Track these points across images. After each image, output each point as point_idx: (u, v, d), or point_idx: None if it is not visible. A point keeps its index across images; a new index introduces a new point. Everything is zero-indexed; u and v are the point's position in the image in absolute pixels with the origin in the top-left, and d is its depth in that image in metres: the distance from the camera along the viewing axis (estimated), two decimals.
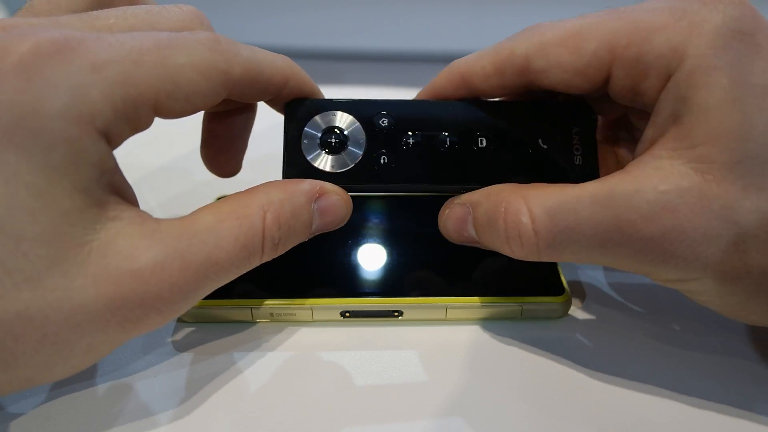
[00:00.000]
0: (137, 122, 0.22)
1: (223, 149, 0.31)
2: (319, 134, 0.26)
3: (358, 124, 0.26)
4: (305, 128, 0.26)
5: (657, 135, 0.23)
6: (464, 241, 0.26)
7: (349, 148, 0.26)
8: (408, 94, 0.28)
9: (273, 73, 0.26)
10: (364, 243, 0.31)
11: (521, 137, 0.26)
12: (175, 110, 0.23)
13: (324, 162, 0.25)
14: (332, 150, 0.25)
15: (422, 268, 0.29)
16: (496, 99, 0.27)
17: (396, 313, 0.28)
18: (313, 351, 0.26)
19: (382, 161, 0.25)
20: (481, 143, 0.26)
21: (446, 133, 0.26)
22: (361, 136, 0.26)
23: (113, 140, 0.21)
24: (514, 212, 0.23)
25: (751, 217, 0.21)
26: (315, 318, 0.28)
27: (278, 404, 0.24)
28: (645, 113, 0.24)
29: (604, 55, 0.23)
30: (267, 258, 0.23)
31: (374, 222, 0.32)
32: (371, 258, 0.30)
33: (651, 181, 0.21)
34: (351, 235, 0.31)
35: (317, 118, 0.26)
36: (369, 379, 0.25)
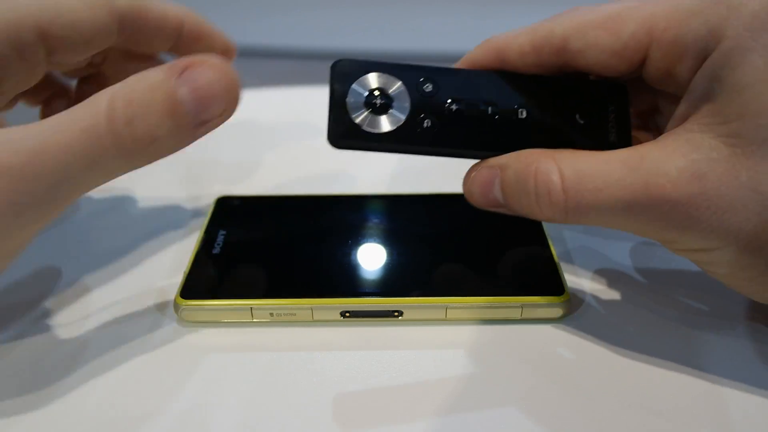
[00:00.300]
0: (21, 49, 0.23)
1: None
2: (365, 94, 0.26)
3: (403, 87, 0.26)
4: (351, 87, 0.26)
5: (689, 112, 0.23)
6: (489, 203, 0.26)
7: (393, 110, 0.26)
8: None
9: (164, 12, 0.27)
10: (363, 243, 0.31)
11: (560, 111, 0.27)
12: (64, 41, 0.24)
13: (368, 122, 0.26)
14: (377, 110, 0.26)
15: (422, 268, 0.29)
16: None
17: (396, 313, 0.27)
18: (313, 351, 0.26)
19: (425, 125, 0.26)
20: (521, 114, 0.27)
21: (488, 103, 0.27)
22: (406, 99, 0.26)
23: None
24: (544, 171, 0.24)
25: None
26: (315, 318, 0.28)
27: (278, 405, 0.24)
28: (675, 99, 0.25)
29: (642, 37, 0.24)
30: (129, 141, 0.22)
31: (374, 222, 0.32)
32: (371, 258, 0.30)
33: (681, 150, 0.22)
34: (351, 234, 0.31)
35: (363, 78, 0.26)
36: (369, 379, 0.25)
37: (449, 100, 0.27)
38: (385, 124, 0.26)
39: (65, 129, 0.21)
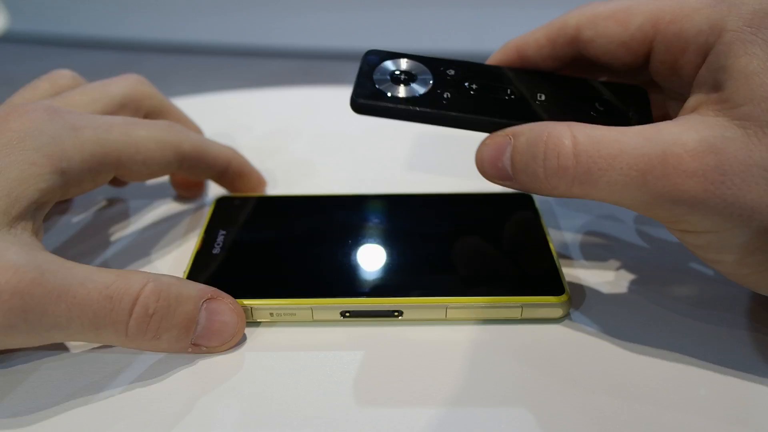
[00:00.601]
0: (98, 174, 0.28)
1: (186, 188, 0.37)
2: (392, 70, 0.28)
3: (427, 71, 0.28)
4: (380, 65, 0.28)
5: (699, 102, 0.24)
6: (496, 173, 0.26)
7: (416, 84, 0.27)
8: None
9: (217, 154, 0.33)
10: (363, 243, 0.31)
11: (579, 99, 0.28)
12: (134, 171, 0.29)
13: (391, 90, 0.27)
14: (400, 83, 0.27)
15: (422, 268, 0.29)
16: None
17: (396, 313, 0.27)
18: (313, 351, 0.26)
19: (445, 95, 0.27)
20: (540, 97, 0.28)
21: (509, 87, 0.28)
22: (429, 78, 0.28)
23: (70, 182, 0.27)
24: (556, 135, 0.24)
25: None
26: (315, 318, 0.28)
27: (277, 404, 0.24)
28: (681, 97, 0.26)
29: (648, 30, 0.26)
30: (135, 331, 0.24)
31: (374, 222, 0.32)
32: (371, 258, 0.30)
33: (697, 127, 0.23)
34: (351, 234, 0.31)
35: (391, 60, 0.28)
36: (369, 379, 0.25)
37: (470, 82, 0.28)
38: (407, 93, 0.27)
39: (92, 286, 0.24)
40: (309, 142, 0.43)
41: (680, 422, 0.23)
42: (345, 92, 0.31)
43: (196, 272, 0.29)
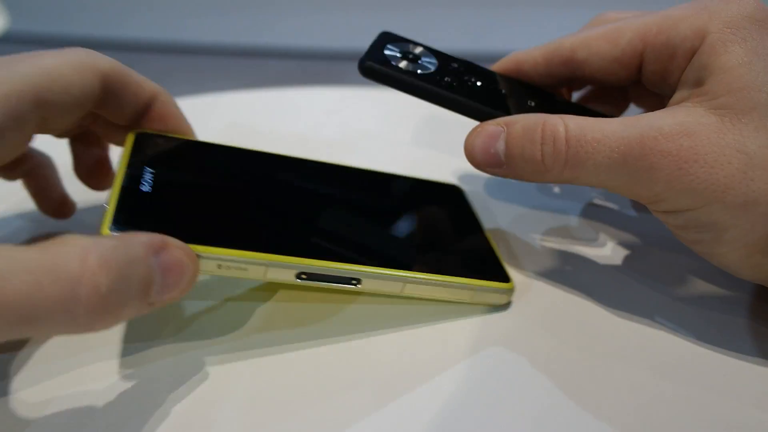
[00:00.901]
0: (20, 119, 0.24)
1: (90, 172, 0.33)
2: (403, 49, 0.30)
3: (434, 59, 0.30)
4: (390, 44, 0.30)
5: (682, 98, 0.26)
6: (487, 159, 0.28)
7: (422, 63, 0.30)
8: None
9: (141, 80, 0.29)
10: (326, 208, 0.30)
11: (570, 109, 0.30)
12: (57, 105, 0.25)
13: (398, 63, 0.29)
14: (409, 59, 0.29)
15: (381, 242, 0.29)
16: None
17: (354, 281, 0.26)
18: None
19: (446, 79, 0.29)
20: (530, 104, 0.30)
21: (504, 89, 0.31)
22: (434, 63, 0.30)
23: None
24: (552, 123, 0.26)
25: (760, 152, 0.23)
26: (268, 276, 0.25)
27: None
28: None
29: (638, 43, 0.28)
30: (89, 319, 0.19)
31: (337, 190, 0.32)
32: (333, 223, 0.29)
33: (674, 114, 0.25)
34: (312, 198, 0.30)
35: (401, 43, 0.30)
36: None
37: (470, 77, 0.30)
38: (412, 68, 0.29)
39: (42, 281, 0.18)
40: (309, 142, 0.43)
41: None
42: (345, 92, 0.31)
43: (124, 214, 0.24)
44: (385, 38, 0.30)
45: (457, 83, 0.29)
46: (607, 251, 0.32)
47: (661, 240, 0.34)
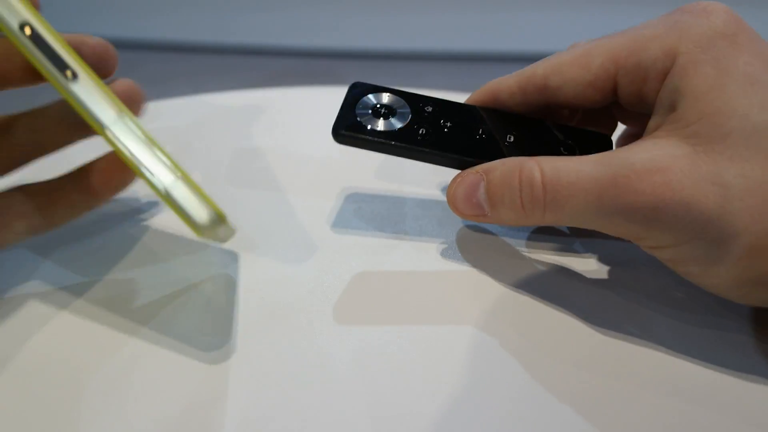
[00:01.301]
0: None
1: None
2: (373, 103, 0.30)
3: (407, 106, 0.30)
4: (362, 98, 0.30)
5: (657, 124, 0.25)
6: (471, 208, 0.28)
7: (394, 119, 0.30)
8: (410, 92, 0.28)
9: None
10: None
11: (546, 143, 0.30)
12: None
13: (370, 123, 0.29)
14: (380, 116, 0.30)
15: None
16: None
17: (70, 72, 0.24)
18: None
19: (420, 131, 0.29)
20: (509, 139, 0.30)
21: (480, 127, 0.30)
22: (407, 113, 0.30)
23: None
24: (528, 168, 0.26)
25: (736, 182, 0.22)
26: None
27: None
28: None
29: (609, 67, 0.27)
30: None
31: None
32: None
33: (647, 148, 0.24)
34: None
35: (373, 95, 0.30)
36: None
37: (445, 120, 0.30)
38: (385, 126, 0.29)
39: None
40: (309, 142, 0.43)
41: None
42: (344, 92, 0.31)
43: None
44: (357, 93, 0.30)
45: (432, 133, 0.29)
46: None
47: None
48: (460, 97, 0.32)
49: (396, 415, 0.24)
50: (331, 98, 0.49)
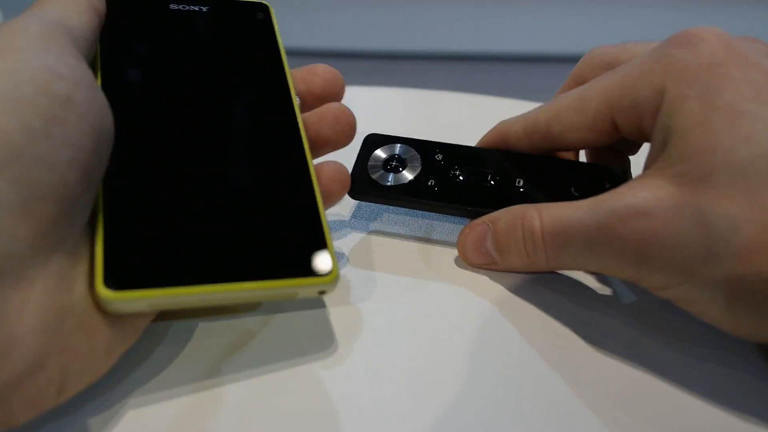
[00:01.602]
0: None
1: None
2: (384, 157, 0.31)
3: (418, 156, 0.31)
4: (374, 152, 0.32)
5: (650, 162, 0.25)
6: (481, 257, 0.29)
7: (405, 172, 0.31)
8: (411, 91, 0.28)
9: None
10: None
11: (556, 184, 0.30)
12: None
13: (383, 179, 0.31)
14: (391, 171, 0.31)
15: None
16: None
17: None
18: None
19: (429, 183, 0.30)
20: (518, 183, 0.30)
21: (490, 172, 0.31)
22: (418, 164, 0.31)
23: None
24: (529, 218, 0.26)
25: (720, 223, 0.21)
26: None
27: None
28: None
29: (604, 109, 0.27)
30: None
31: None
32: None
33: (633, 191, 0.24)
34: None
35: (385, 147, 0.32)
36: None
37: (455, 168, 0.31)
38: (396, 181, 0.30)
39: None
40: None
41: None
42: (347, 92, 0.31)
43: None
44: (370, 146, 0.32)
45: (442, 183, 0.30)
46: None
47: None
48: (462, 98, 0.32)
49: (396, 414, 0.24)
50: None
